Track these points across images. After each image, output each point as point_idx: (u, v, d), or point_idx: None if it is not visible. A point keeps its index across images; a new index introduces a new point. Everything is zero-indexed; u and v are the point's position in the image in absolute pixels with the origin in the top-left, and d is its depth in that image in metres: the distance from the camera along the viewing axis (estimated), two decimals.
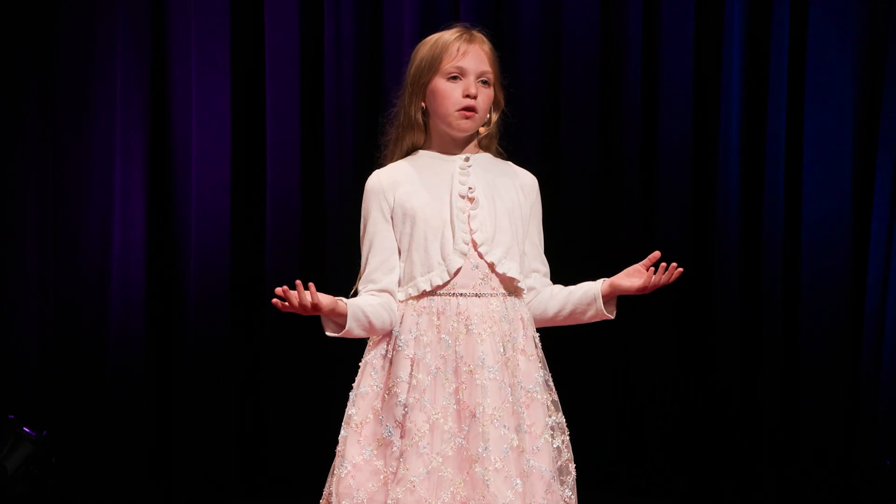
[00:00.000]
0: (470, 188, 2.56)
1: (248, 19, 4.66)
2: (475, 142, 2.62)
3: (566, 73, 4.58)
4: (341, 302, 2.47)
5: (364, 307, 2.48)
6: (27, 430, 4.35)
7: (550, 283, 2.67)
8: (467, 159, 2.59)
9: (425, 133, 2.61)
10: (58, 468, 4.45)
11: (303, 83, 4.63)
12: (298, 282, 2.41)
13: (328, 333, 2.51)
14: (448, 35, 2.58)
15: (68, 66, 4.62)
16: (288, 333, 4.61)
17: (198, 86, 4.60)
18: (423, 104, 2.59)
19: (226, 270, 4.62)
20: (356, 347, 2.60)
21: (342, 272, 4.59)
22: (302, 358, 4.60)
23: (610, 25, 4.59)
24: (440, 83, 2.55)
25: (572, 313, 2.63)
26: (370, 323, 2.48)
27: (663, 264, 2.57)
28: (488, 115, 2.60)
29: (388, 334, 2.53)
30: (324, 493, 2.55)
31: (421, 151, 2.61)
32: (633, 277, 2.59)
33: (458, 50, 2.55)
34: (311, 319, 4.67)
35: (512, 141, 2.76)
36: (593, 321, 2.65)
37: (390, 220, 2.55)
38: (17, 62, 4.60)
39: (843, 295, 4.43)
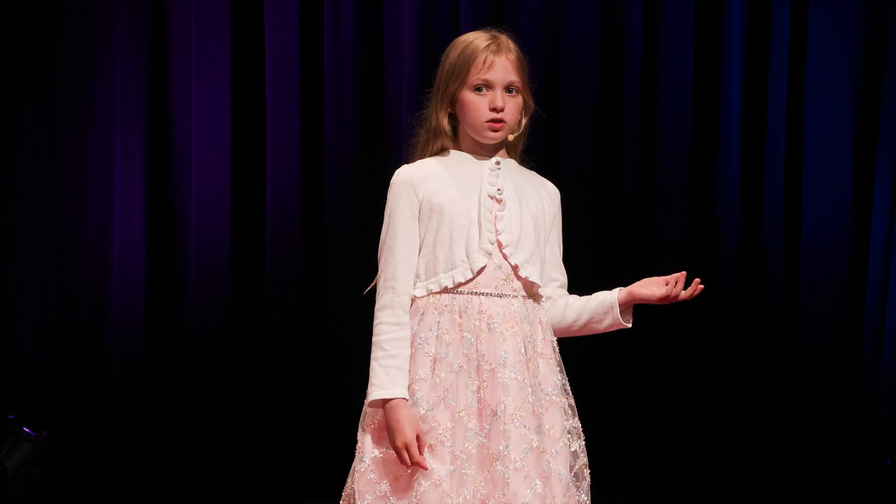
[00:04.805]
0: (499, 189, 2.56)
1: (248, 19, 4.65)
2: (504, 147, 2.63)
3: (566, 73, 4.58)
4: (405, 398, 2.45)
5: (405, 370, 2.47)
6: (27, 430, 4.35)
7: (567, 293, 2.68)
8: (497, 162, 2.60)
9: (454, 138, 2.62)
10: (58, 468, 4.45)
11: (303, 83, 4.63)
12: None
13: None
14: (477, 42, 2.57)
15: (68, 66, 4.62)
16: (287, 333, 4.62)
17: (198, 86, 4.60)
18: (450, 111, 2.59)
19: (226, 270, 4.62)
20: (354, 347, 2.59)
21: (342, 272, 4.60)
22: (301, 358, 4.60)
23: (610, 25, 4.59)
24: (467, 95, 2.55)
25: (588, 322, 2.63)
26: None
27: (693, 279, 2.59)
28: (519, 120, 2.61)
29: None
30: (343, 493, 2.54)
31: (451, 151, 2.62)
32: (654, 287, 2.60)
33: (484, 62, 2.54)
34: (312, 319, 4.69)
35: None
36: (610, 331, 2.64)
37: (417, 214, 2.54)
38: (17, 62, 4.60)
39: (843, 295, 4.43)
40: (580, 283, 2.74)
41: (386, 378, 2.45)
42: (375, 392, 2.45)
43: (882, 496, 4.25)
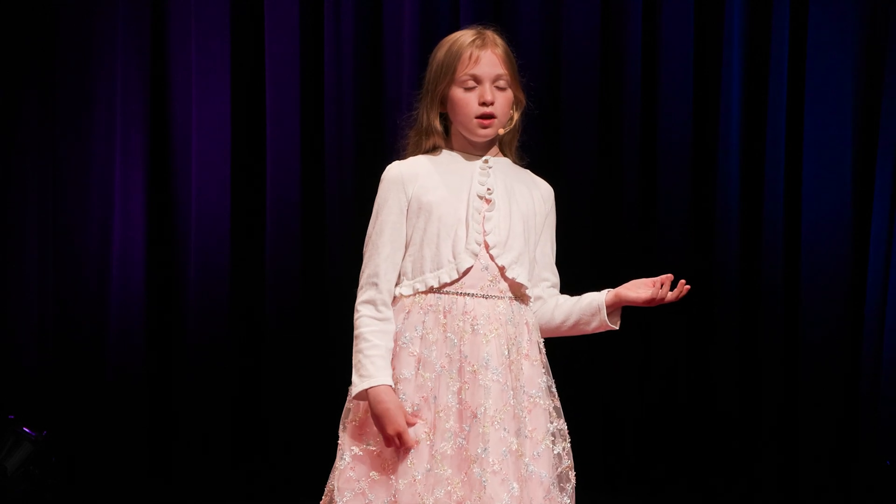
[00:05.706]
0: (488, 189, 2.55)
1: (247, 19, 4.66)
2: (496, 144, 2.62)
3: (566, 74, 4.58)
4: (391, 385, 2.45)
5: (389, 360, 2.48)
6: (27, 430, 4.36)
7: (558, 293, 2.67)
8: (487, 161, 2.59)
9: (445, 137, 2.61)
10: (58, 468, 4.45)
11: (303, 83, 4.63)
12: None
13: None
14: (463, 39, 2.56)
15: (68, 66, 4.62)
16: (287, 333, 4.62)
17: (198, 86, 4.60)
18: (441, 110, 2.58)
19: (226, 270, 4.62)
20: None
21: (342, 272, 4.60)
22: (301, 358, 4.60)
23: (610, 25, 4.59)
24: (456, 93, 2.54)
25: (576, 324, 2.62)
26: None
27: (676, 279, 2.58)
28: (510, 115, 2.60)
29: None
30: (325, 489, 2.55)
31: (443, 150, 2.61)
32: (641, 289, 2.58)
33: (470, 57, 2.53)
34: (312, 319, 4.69)
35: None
36: (597, 332, 2.64)
37: (405, 212, 2.53)
38: (17, 62, 4.60)
39: (844, 295, 4.43)
40: (580, 283, 2.73)
41: (371, 367, 2.44)
42: (363, 382, 2.44)
43: (882, 496, 4.25)
